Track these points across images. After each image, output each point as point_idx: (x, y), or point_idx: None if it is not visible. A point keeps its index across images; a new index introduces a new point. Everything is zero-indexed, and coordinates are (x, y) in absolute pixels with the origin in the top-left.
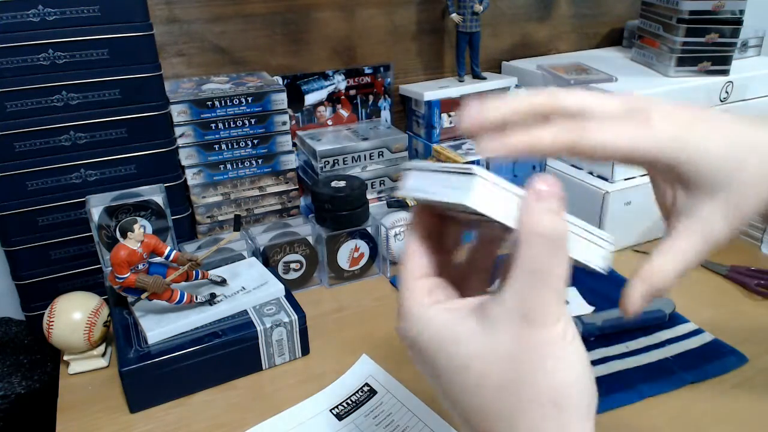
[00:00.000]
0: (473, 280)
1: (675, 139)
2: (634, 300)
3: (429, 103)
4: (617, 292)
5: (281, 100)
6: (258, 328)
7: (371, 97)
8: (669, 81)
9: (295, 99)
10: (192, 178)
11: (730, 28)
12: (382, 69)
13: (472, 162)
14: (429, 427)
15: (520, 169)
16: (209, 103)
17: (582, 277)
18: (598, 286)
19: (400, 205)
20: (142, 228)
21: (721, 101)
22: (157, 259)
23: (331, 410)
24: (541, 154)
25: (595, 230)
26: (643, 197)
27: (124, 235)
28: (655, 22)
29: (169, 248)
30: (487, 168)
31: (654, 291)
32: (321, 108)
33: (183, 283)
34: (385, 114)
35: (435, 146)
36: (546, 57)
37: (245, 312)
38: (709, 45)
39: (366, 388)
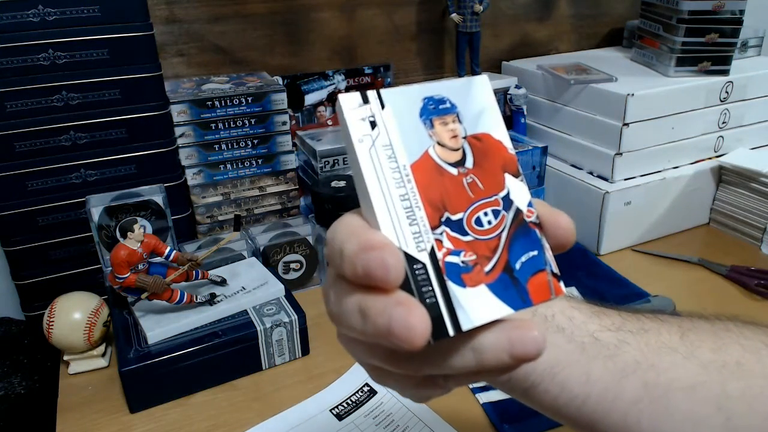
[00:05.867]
0: None
1: None
2: None
3: None
4: (617, 291)
5: (281, 100)
6: (258, 328)
7: None
8: (669, 81)
9: (295, 99)
10: (192, 178)
11: (730, 28)
12: (382, 69)
13: None
14: (429, 427)
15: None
16: (209, 103)
17: (582, 277)
18: (597, 285)
19: None
20: (142, 228)
21: (721, 101)
22: (157, 259)
23: (331, 410)
24: None
25: None
26: (643, 197)
27: (124, 235)
28: (655, 22)
29: (169, 248)
30: None
31: None
32: (321, 108)
33: (183, 283)
34: None
35: None
36: (546, 57)
37: (245, 312)
38: (709, 45)
39: (366, 388)
